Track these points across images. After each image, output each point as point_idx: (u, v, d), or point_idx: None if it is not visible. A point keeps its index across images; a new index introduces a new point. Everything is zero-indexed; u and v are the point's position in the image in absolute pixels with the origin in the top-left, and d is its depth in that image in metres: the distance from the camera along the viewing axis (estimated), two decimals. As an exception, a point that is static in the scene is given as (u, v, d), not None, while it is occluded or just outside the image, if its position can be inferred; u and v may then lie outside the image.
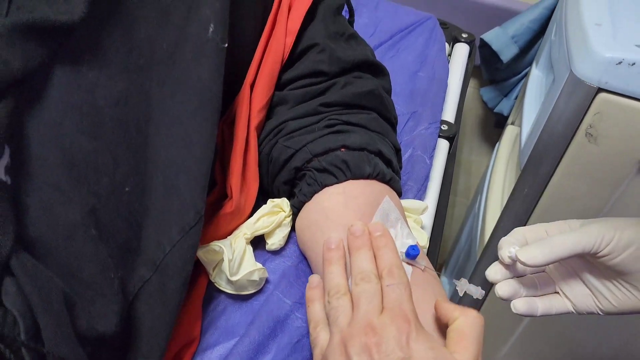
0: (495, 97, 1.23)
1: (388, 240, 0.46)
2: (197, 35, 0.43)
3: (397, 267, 0.43)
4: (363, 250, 0.45)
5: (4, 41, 0.31)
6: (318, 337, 0.42)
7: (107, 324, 0.34)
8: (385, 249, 0.45)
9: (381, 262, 0.44)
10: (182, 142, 0.42)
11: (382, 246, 0.45)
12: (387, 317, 0.39)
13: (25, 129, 0.33)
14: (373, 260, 0.45)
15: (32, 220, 0.32)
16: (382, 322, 0.39)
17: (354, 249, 0.45)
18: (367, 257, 0.44)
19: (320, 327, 0.43)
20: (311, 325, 0.44)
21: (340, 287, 0.43)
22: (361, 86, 0.55)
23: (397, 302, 0.41)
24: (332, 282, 0.44)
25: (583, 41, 0.71)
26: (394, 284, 0.42)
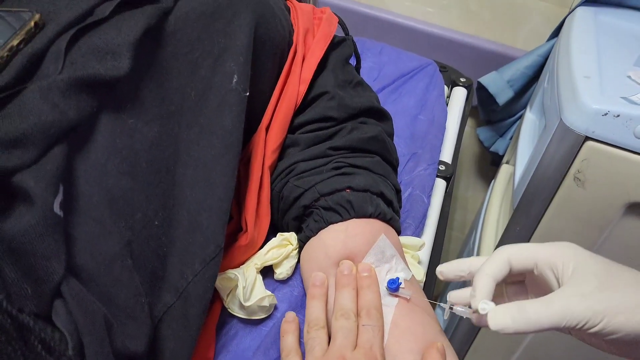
0: (491, 137, 1.28)
1: (372, 282, 0.51)
2: (222, 85, 0.48)
3: (375, 309, 0.49)
4: (347, 289, 0.50)
5: (61, 93, 0.36)
6: None
7: (138, 344, 0.38)
8: (368, 289, 0.50)
9: (362, 301, 0.50)
10: (205, 183, 0.46)
11: (365, 286, 0.51)
12: (359, 354, 0.45)
13: (75, 170, 0.38)
14: (355, 299, 0.50)
15: (78, 250, 0.37)
16: (354, 357, 0.45)
17: (340, 285, 0.51)
18: (350, 296, 0.50)
19: (291, 355, 0.49)
20: (283, 354, 0.49)
21: (319, 321, 0.49)
22: (366, 132, 0.60)
23: (369, 342, 0.46)
24: (313, 315, 0.50)
25: (572, 92, 0.77)
26: (369, 325, 0.48)
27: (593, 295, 0.40)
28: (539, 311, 0.41)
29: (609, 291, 0.40)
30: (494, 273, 0.44)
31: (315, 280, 0.53)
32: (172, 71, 0.46)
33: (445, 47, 1.24)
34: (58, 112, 0.36)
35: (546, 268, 0.44)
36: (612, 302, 0.39)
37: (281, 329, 0.51)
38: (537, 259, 0.44)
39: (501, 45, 1.26)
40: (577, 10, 1.00)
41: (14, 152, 0.33)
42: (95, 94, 0.39)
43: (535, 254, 0.44)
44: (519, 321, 0.41)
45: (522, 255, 0.45)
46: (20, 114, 0.34)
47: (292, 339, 0.50)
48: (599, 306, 0.39)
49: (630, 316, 0.39)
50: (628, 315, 0.39)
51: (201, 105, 0.47)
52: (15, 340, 0.32)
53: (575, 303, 0.40)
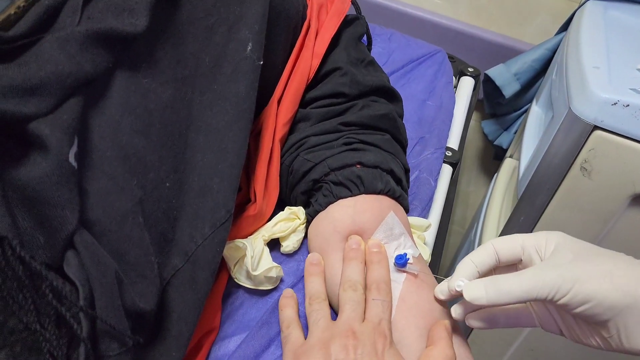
0: (496, 131, 1.28)
1: (382, 257, 0.51)
2: (236, 52, 0.48)
3: (385, 283, 0.49)
4: (355, 262, 0.50)
5: (78, 45, 0.36)
6: (290, 335, 0.47)
7: (147, 302, 0.38)
8: (377, 264, 0.50)
9: (372, 275, 0.49)
10: (217, 148, 0.46)
11: (375, 261, 0.50)
12: (367, 327, 0.45)
13: (89, 124, 0.38)
14: (363, 273, 0.50)
15: (90, 205, 0.36)
16: (363, 330, 0.44)
17: (347, 259, 0.51)
18: (358, 269, 0.50)
19: (292, 326, 0.48)
20: (284, 325, 0.49)
21: (321, 294, 0.50)
22: (377, 109, 0.60)
23: (377, 317, 0.46)
24: (314, 289, 0.50)
25: (582, 82, 0.77)
26: (378, 299, 0.47)
27: (565, 265, 0.41)
28: (510, 281, 0.41)
29: (581, 261, 0.41)
30: (476, 260, 0.46)
31: (312, 259, 0.53)
32: (187, 36, 0.45)
33: (452, 39, 1.24)
34: (75, 64, 0.36)
35: (532, 251, 0.44)
36: (583, 270, 0.40)
37: (280, 303, 0.51)
38: (523, 245, 0.45)
39: (509, 39, 1.26)
40: (587, 4, 1.00)
41: (31, 99, 0.33)
42: (111, 50, 0.38)
43: (522, 241, 0.45)
44: (491, 292, 0.42)
45: (508, 244, 0.45)
46: (37, 63, 0.34)
47: (291, 311, 0.50)
48: (569, 273, 0.40)
49: (602, 281, 0.39)
50: (599, 280, 0.39)
51: (215, 71, 0.47)
52: (27, 288, 0.32)
53: (546, 272, 0.41)
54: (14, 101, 0.32)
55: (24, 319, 0.32)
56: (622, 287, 0.38)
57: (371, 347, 0.43)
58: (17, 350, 0.32)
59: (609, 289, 0.39)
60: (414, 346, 0.47)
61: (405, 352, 0.46)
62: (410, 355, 0.46)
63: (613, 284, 0.39)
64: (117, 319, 0.35)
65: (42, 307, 0.33)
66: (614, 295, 0.38)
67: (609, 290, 0.38)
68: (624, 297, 0.38)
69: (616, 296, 0.38)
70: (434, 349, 0.45)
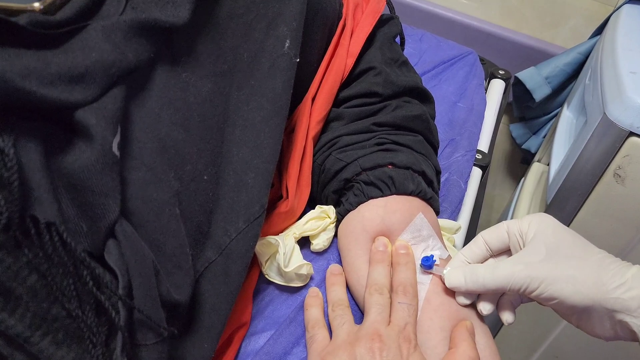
0: (525, 134, 1.27)
1: (409, 259, 0.51)
2: (274, 49, 0.48)
3: (411, 286, 0.49)
4: (381, 265, 0.50)
5: (122, 35, 0.36)
6: (316, 336, 0.47)
7: (182, 293, 0.39)
8: (404, 266, 0.50)
9: (398, 278, 0.49)
10: (253, 143, 0.46)
11: (402, 263, 0.50)
12: (393, 331, 0.45)
13: (130, 115, 0.38)
14: (389, 276, 0.50)
15: (130, 194, 0.37)
16: (388, 333, 0.44)
17: (373, 261, 0.51)
18: (384, 272, 0.49)
19: (318, 326, 0.48)
20: (309, 325, 0.49)
21: (343, 301, 0.50)
22: (410, 110, 0.59)
23: (403, 320, 0.46)
24: (336, 297, 0.50)
25: (617, 87, 0.75)
26: (404, 303, 0.47)
27: (534, 264, 0.44)
28: (485, 275, 0.46)
29: (551, 263, 0.44)
30: (466, 253, 0.50)
31: (333, 269, 0.53)
32: (227, 31, 0.46)
33: (483, 41, 1.23)
34: (119, 53, 0.36)
35: (516, 237, 0.48)
36: (550, 272, 0.44)
37: (305, 303, 0.51)
38: (508, 230, 0.48)
39: (540, 42, 1.24)
40: (624, 8, 0.98)
41: (76, 87, 0.33)
42: (154, 41, 0.39)
43: (506, 227, 0.49)
44: (469, 282, 0.47)
45: (495, 233, 0.49)
46: (83, 50, 0.34)
47: (317, 311, 0.50)
48: (537, 274, 0.44)
49: (564, 285, 0.43)
50: (562, 284, 0.43)
51: (253, 67, 0.47)
52: (71, 276, 0.32)
53: (518, 270, 0.45)
54: (61, 88, 0.32)
55: (66, 305, 0.32)
56: (582, 291, 0.43)
57: (396, 351, 0.43)
58: (59, 337, 0.32)
59: (571, 292, 0.43)
60: (439, 349, 0.46)
61: (430, 354, 0.46)
62: (435, 357, 0.46)
63: (575, 288, 0.43)
64: (153, 309, 0.35)
65: (83, 294, 0.33)
66: (574, 297, 0.43)
67: (571, 293, 0.43)
68: (583, 299, 0.43)
69: (576, 299, 0.43)
70: (456, 351, 0.44)
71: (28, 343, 0.31)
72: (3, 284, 0.30)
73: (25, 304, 0.31)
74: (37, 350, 0.31)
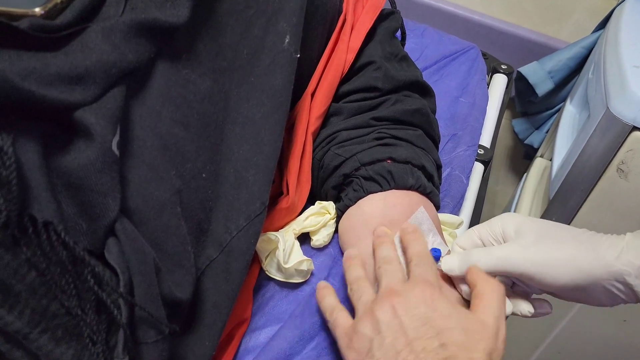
0: (527, 129, 1.26)
1: (418, 235, 0.49)
2: (273, 45, 0.48)
3: (426, 255, 0.47)
4: (385, 244, 0.49)
5: (122, 35, 0.36)
6: (337, 319, 0.46)
7: (183, 291, 0.39)
8: (415, 241, 0.48)
9: (411, 250, 0.47)
10: (253, 140, 0.46)
11: (412, 239, 0.49)
12: (410, 284, 0.43)
13: (130, 114, 0.38)
14: (395, 250, 0.48)
15: (130, 193, 0.37)
16: (406, 287, 0.43)
17: (377, 244, 0.49)
18: (389, 248, 0.48)
19: (336, 311, 0.47)
20: (327, 314, 0.47)
21: (359, 278, 0.48)
22: (410, 104, 0.59)
23: (421, 275, 0.44)
24: (353, 275, 0.48)
25: (621, 81, 0.75)
26: (420, 263, 0.45)
27: (530, 248, 0.44)
28: (480, 257, 0.46)
29: (546, 245, 0.44)
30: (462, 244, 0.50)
31: (350, 253, 0.52)
32: (226, 27, 0.46)
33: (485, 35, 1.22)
34: (119, 53, 0.36)
35: (490, 239, 0.48)
36: (548, 254, 0.44)
37: (317, 296, 0.50)
38: (480, 236, 0.49)
39: (543, 36, 1.23)
40: (627, 2, 0.97)
41: (76, 87, 0.33)
42: (153, 40, 0.39)
43: (477, 233, 0.49)
44: (463, 265, 0.46)
45: (467, 240, 0.50)
46: (83, 52, 0.34)
47: (331, 298, 0.48)
48: (536, 257, 0.44)
49: (566, 266, 0.43)
50: (564, 267, 0.43)
51: (252, 63, 0.47)
52: (70, 274, 0.32)
53: (514, 251, 0.45)
54: (61, 89, 0.33)
55: (65, 303, 0.32)
56: (584, 268, 0.43)
57: (419, 299, 0.41)
58: (58, 334, 0.32)
59: (574, 271, 0.43)
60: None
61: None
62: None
63: (576, 266, 0.43)
64: (155, 307, 0.35)
65: (83, 292, 0.33)
66: (578, 276, 0.43)
67: (574, 272, 0.43)
68: (586, 277, 0.42)
69: (580, 277, 0.43)
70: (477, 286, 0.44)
71: (27, 340, 0.31)
72: (2, 281, 0.30)
73: (25, 301, 0.31)
74: (36, 347, 0.31)
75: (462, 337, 0.39)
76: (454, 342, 0.39)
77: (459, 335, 0.40)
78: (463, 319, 0.41)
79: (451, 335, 0.39)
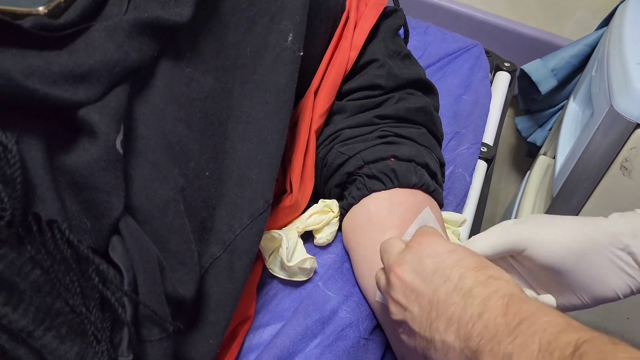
0: (530, 127, 1.26)
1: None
2: (277, 43, 0.48)
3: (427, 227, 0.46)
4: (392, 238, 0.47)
5: (125, 34, 0.36)
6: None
7: (187, 289, 0.39)
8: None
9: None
10: (257, 138, 0.46)
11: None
12: (407, 247, 0.42)
13: (134, 112, 0.38)
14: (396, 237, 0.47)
15: (134, 191, 0.37)
16: (404, 252, 0.42)
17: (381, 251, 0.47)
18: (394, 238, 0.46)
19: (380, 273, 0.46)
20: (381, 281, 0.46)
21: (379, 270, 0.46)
22: (413, 102, 0.59)
23: (417, 234, 0.43)
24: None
25: (624, 79, 0.75)
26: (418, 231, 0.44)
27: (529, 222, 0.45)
28: (480, 240, 0.46)
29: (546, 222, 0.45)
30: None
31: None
32: (229, 26, 0.46)
33: (488, 33, 1.22)
34: (122, 52, 0.36)
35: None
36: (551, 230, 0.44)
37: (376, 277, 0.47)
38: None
39: (546, 33, 1.23)
40: (630, -1, 0.97)
41: (80, 86, 0.33)
42: (157, 39, 0.39)
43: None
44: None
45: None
46: (87, 50, 0.34)
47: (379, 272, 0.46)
48: (535, 227, 0.44)
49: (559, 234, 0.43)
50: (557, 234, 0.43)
51: (255, 62, 0.47)
52: (74, 271, 0.32)
53: (512, 224, 0.45)
54: (65, 87, 0.33)
55: (70, 301, 0.32)
56: (585, 232, 0.43)
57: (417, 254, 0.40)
58: (62, 332, 0.32)
59: (573, 234, 0.43)
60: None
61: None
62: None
63: (576, 230, 0.43)
64: (159, 305, 0.35)
65: (88, 290, 0.33)
66: (578, 240, 0.43)
67: (573, 235, 0.43)
68: (586, 240, 0.43)
69: (580, 240, 0.43)
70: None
71: (31, 337, 0.31)
72: (6, 279, 0.30)
73: (29, 299, 0.31)
74: (40, 345, 0.31)
75: (474, 259, 0.39)
76: (467, 266, 0.38)
77: (470, 259, 0.39)
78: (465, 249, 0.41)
79: (463, 263, 0.38)
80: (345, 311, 0.51)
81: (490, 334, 0.33)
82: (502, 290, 0.35)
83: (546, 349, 0.30)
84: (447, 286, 0.37)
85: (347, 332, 0.49)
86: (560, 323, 0.31)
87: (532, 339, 0.31)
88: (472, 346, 0.34)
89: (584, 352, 0.29)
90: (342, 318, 0.50)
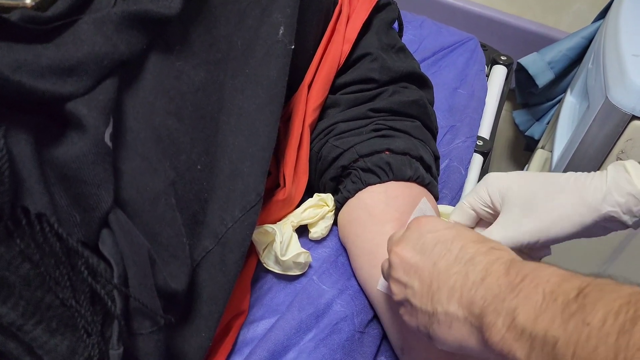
0: (528, 121, 1.26)
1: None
2: (268, 36, 0.48)
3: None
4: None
5: (114, 27, 0.36)
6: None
7: (179, 282, 0.39)
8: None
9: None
10: (248, 131, 0.46)
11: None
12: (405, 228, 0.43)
13: (124, 105, 0.38)
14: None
15: (124, 184, 0.37)
16: (403, 233, 0.42)
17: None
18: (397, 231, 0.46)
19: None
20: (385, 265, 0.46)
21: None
22: (407, 95, 0.59)
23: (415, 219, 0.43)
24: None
25: (620, 70, 0.75)
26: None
27: (521, 220, 0.44)
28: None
29: (533, 214, 0.44)
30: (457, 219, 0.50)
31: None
32: (220, 19, 0.45)
33: (484, 26, 1.22)
34: (111, 45, 0.36)
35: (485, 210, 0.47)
36: (538, 223, 0.44)
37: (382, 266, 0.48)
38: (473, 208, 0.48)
39: (543, 26, 1.23)
40: (627, -10, 0.96)
41: (68, 79, 0.33)
42: (146, 31, 0.39)
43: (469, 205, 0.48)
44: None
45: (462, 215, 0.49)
46: (75, 43, 0.34)
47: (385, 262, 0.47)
48: (526, 228, 0.44)
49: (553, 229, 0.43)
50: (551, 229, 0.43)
51: (247, 55, 0.47)
52: (64, 265, 0.32)
53: (507, 232, 0.45)
54: (53, 81, 0.33)
55: (60, 294, 0.32)
56: (578, 222, 0.42)
57: (416, 231, 0.40)
58: (53, 326, 0.32)
59: (568, 227, 0.43)
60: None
61: None
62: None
63: (571, 223, 0.43)
64: (149, 298, 0.35)
65: (78, 284, 0.33)
66: (573, 230, 0.43)
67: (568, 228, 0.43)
68: (580, 228, 0.43)
69: (575, 230, 0.43)
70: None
71: (21, 331, 0.31)
72: (-4, 273, 0.30)
73: (19, 293, 0.31)
74: (30, 339, 0.31)
75: (474, 234, 0.39)
76: (468, 238, 0.38)
77: (470, 233, 0.39)
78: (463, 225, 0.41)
79: (464, 236, 0.39)
80: (339, 305, 0.51)
81: (493, 294, 0.33)
82: (504, 258, 0.35)
83: (550, 297, 0.30)
84: (448, 257, 0.37)
85: (342, 325, 0.49)
86: (564, 274, 0.31)
87: (535, 291, 0.31)
88: (476, 311, 0.33)
89: (588, 292, 0.28)
90: (337, 312, 0.50)
